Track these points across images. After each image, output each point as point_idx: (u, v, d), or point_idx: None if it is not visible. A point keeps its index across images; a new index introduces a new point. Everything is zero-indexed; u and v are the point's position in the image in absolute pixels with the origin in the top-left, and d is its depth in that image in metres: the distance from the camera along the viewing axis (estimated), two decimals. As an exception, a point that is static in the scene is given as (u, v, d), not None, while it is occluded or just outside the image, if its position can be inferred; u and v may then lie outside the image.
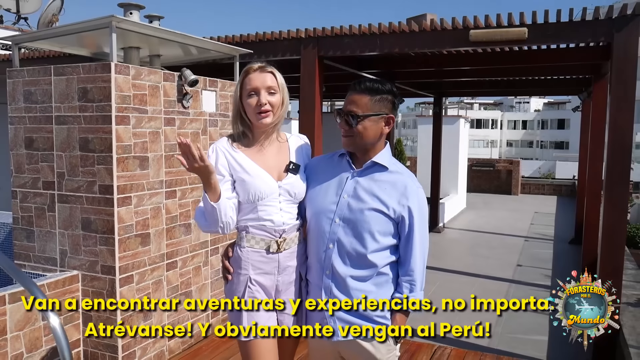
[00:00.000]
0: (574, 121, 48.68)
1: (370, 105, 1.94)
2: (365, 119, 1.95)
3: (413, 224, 2.00)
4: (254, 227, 2.12)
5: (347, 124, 1.97)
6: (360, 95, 1.95)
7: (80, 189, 3.58)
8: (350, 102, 1.96)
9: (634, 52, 4.21)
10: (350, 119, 1.95)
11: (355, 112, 1.94)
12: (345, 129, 1.98)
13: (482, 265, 8.25)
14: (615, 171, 4.29)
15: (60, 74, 3.57)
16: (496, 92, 11.59)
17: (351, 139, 1.99)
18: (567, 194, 17.76)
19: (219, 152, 2.15)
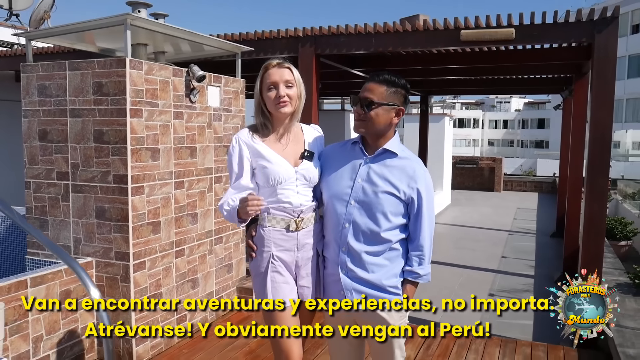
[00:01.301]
0: (553, 121, 49.60)
1: (385, 95, 2.16)
2: (379, 107, 2.17)
3: (421, 205, 2.23)
4: (275, 209, 2.33)
5: (362, 108, 2.18)
6: (378, 84, 2.17)
7: (94, 179, 3.75)
8: (368, 89, 2.18)
9: (614, 52, 4.49)
10: (366, 104, 2.17)
11: (371, 99, 2.16)
12: (360, 113, 2.20)
13: (468, 257, 8.55)
14: (596, 165, 4.57)
15: (75, 69, 3.74)
16: (481, 91, 11.91)
17: (363, 123, 2.21)
18: (548, 190, 18.21)
19: (241, 144, 2.36)
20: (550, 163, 23.16)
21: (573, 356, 4.10)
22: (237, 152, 2.35)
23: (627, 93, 36.57)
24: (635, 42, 35.77)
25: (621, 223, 8.87)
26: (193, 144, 4.26)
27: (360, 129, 2.24)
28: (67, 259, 2.32)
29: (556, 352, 4.17)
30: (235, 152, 2.36)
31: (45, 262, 3.96)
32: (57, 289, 3.54)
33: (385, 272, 2.24)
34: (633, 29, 36.40)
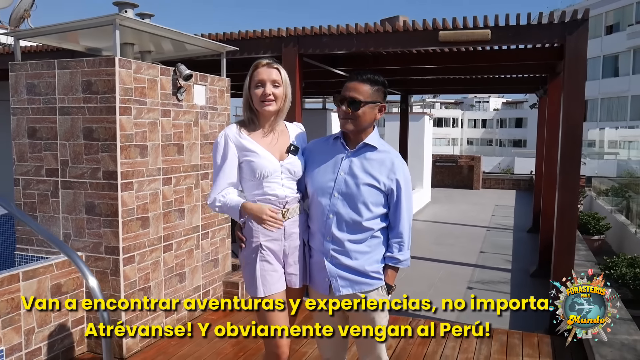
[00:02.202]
0: (531, 120, 50.44)
1: (369, 94, 2.31)
2: (365, 105, 2.31)
3: (400, 195, 2.38)
4: (261, 201, 2.46)
5: (348, 107, 2.32)
6: (362, 84, 2.31)
7: (84, 175, 3.83)
8: (353, 89, 2.32)
9: (584, 52, 4.71)
10: (353, 104, 2.31)
11: (358, 99, 2.30)
12: (347, 112, 2.33)
13: (448, 252, 8.78)
14: (568, 160, 4.79)
15: (64, 68, 3.82)
16: (460, 90, 12.17)
17: (351, 122, 2.34)
18: (525, 188, 18.61)
19: (227, 139, 2.48)
20: (528, 161, 23.64)
21: (546, 342, 4.31)
22: (223, 146, 2.47)
23: (601, 93, 37.43)
24: (609, 42, 36.62)
25: (594, 218, 9.18)
26: (180, 141, 4.37)
27: (348, 126, 2.37)
28: (65, 249, 2.42)
29: (530, 339, 4.37)
30: (220, 146, 2.47)
31: (34, 258, 4.02)
32: (48, 282, 3.62)
33: (367, 258, 2.39)
34: (607, 29, 37.25)
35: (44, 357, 3.62)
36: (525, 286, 6.98)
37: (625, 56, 35.66)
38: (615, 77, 36.57)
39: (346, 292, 2.39)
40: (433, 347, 4.17)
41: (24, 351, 3.46)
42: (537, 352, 4.12)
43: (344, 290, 2.38)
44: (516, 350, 4.14)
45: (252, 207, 2.39)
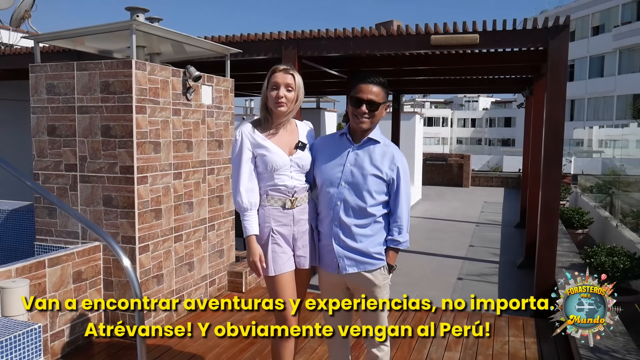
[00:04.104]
0: (519, 119, 51.09)
1: (382, 95, 2.62)
2: (381, 106, 2.63)
3: (400, 183, 2.69)
4: (272, 190, 2.77)
5: (367, 107, 2.61)
6: (377, 87, 2.61)
7: (102, 169, 4.11)
8: (370, 92, 2.60)
9: (565, 55, 5.06)
10: (372, 105, 2.61)
11: (376, 101, 2.61)
12: (365, 112, 2.62)
13: (438, 246, 9.12)
14: (550, 156, 5.14)
15: (83, 69, 4.09)
16: (450, 90, 12.53)
17: (368, 121, 2.64)
18: (513, 185, 19.04)
19: (244, 136, 2.79)
20: (516, 159, 24.09)
21: (531, 325, 4.64)
22: (240, 142, 2.77)
23: (588, 93, 38.06)
24: (595, 43, 37.25)
25: (578, 213, 9.56)
26: (189, 139, 4.65)
27: (365, 125, 2.65)
28: (100, 232, 2.70)
29: (516, 322, 4.71)
30: (238, 142, 2.78)
31: (53, 247, 4.28)
32: (70, 269, 3.89)
33: (371, 241, 2.70)
34: (593, 31, 37.87)
35: (66, 338, 3.89)
36: (512, 277, 7.32)
37: (611, 57, 36.31)
38: (601, 78, 37.21)
39: (352, 270, 2.69)
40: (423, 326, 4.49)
41: (49, 332, 3.74)
42: (522, 333, 4.46)
43: (349, 269, 2.69)
44: (503, 332, 4.48)
45: (252, 246, 2.72)
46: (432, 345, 4.17)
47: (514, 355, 4.03)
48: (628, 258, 5.61)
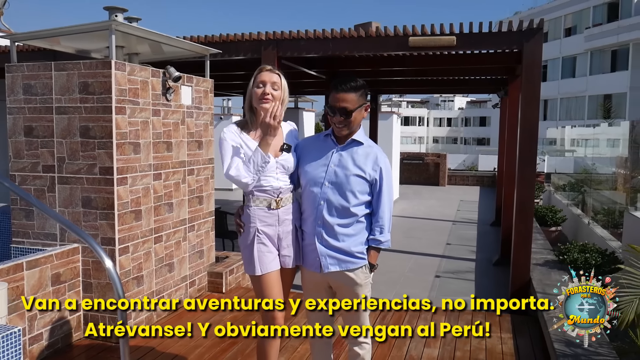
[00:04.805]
0: (494, 119, 51.84)
1: (356, 100, 2.65)
2: (355, 111, 2.66)
3: (382, 184, 2.74)
4: (258, 191, 2.80)
5: (341, 116, 2.66)
6: (348, 93, 2.64)
7: (80, 171, 4.07)
8: (342, 100, 2.64)
9: (539, 57, 5.19)
10: (345, 113, 2.65)
11: (348, 108, 2.64)
12: (341, 120, 2.67)
13: (416, 244, 9.25)
14: (525, 155, 5.26)
15: (61, 70, 4.05)
16: (427, 90, 12.69)
17: (345, 128, 2.69)
18: (489, 184, 19.36)
19: (231, 134, 2.80)
20: (491, 158, 24.48)
21: (507, 320, 4.76)
22: (227, 139, 2.77)
23: (561, 93, 38.83)
24: (567, 44, 38.01)
25: (552, 211, 9.79)
26: (169, 139, 4.64)
27: (343, 132, 2.71)
28: (82, 234, 2.69)
29: (493, 318, 4.81)
30: (224, 140, 2.77)
31: (30, 250, 4.22)
32: (49, 272, 3.85)
33: (353, 240, 2.74)
34: (566, 32, 38.64)
35: (45, 342, 3.85)
36: (489, 274, 7.47)
37: (583, 58, 37.10)
38: (574, 78, 37.99)
39: (334, 269, 2.73)
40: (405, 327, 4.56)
41: (28, 336, 3.69)
42: (498, 328, 4.56)
43: (332, 267, 2.73)
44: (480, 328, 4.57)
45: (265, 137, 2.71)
46: (412, 342, 4.24)
47: (491, 350, 4.13)
48: (600, 254, 5.78)
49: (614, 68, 34.86)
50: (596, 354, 3.43)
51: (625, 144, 10.28)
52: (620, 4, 34.14)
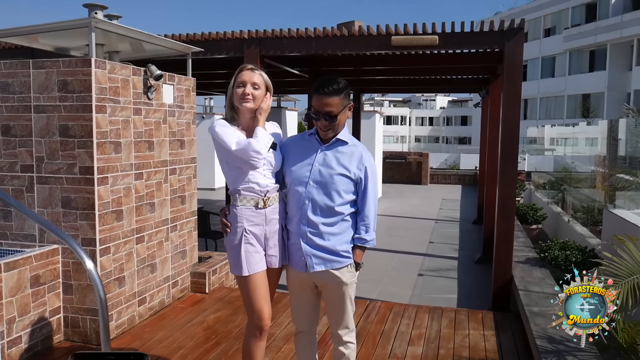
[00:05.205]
0: (475, 118, 52.30)
1: (339, 102, 2.64)
2: (340, 114, 2.65)
3: (367, 183, 2.74)
4: (245, 190, 2.77)
5: (326, 120, 2.64)
6: (332, 97, 2.62)
7: (60, 170, 4.00)
8: (326, 104, 2.62)
9: (520, 57, 5.24)
10: (330, 117, 2.63)
11: (333, 112, 2.63)
12: (326, 124, 2.65)
13: (399, 243, 9.28)
14: (507, 154, 5.31)
15: (40, 67, 3.97)
16: (409, 89, 12.76)
17: (331, 131, 2.68)
18: (470, 182, 19.53)
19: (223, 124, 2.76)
20: (473, 157, 24.72)
21: (489, 317, 4.80)
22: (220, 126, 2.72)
23: (540, 92, 39.31)
24: (547, 44, 38.50)
25: (532, 209, 9.90)
26: (150, 138, 4.58)
27: (329, 134, 2.70)
28: (62, 235, 2.64)
29: (475, 315, 4.85)
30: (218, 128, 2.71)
31: (8, 251, 4.14)
32: (28, 273, 3.78)
33: (338, 239, 2.73)
34: (545, 32, 39.13)
35: (24, 345, 3.78)
36: (471, 272, 7.53)
37: (562, 58, 37.61)
38: (553, 78, 38.50)
39: (319, 269, 2.72)
40: (389, 325, 4.57)
41: (6, 339, 3.62)
42: (481, 325, 4.60)
43: (317, 267, 2.72)
44: (463, 325, 4.61)
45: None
46: (396, 340, 4.26)
47: (474, 347, 4.15)
48: (580, 252, 5.87)
49: (592, 68, 35.41)
50: (577, 349, 3.47)
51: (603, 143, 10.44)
52: (598, 5, 34.70)
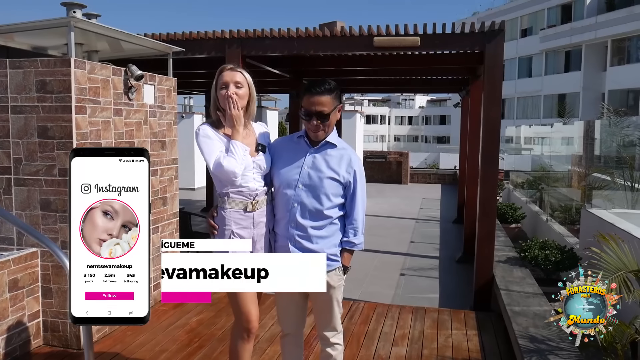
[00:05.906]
0: (454, 117, 52.84)
1: (331, 102, 2.63)
2: (332, 114, 2.64)
3: (356, 186, 2.74)
4: (234, 193, 2.74)
5: (318, 120, 2.63)
6: (324, 96, 2.61)
7: (39, 172, 3.92)
8: (318, 103, 2.60)
9: (500, 59, 5.30)
10: (322, 117, 2.62)
11: (325, 111, 2.62)
12: (317, 125, 2.63)
13: (380, 243, 9.31)
14: (488, 154, 5.37)
15: (17, 67, 3.89)
16: (390, 89, 12.84)
17: (323, 132, 2.66)
18: (450, 182, 19.71)
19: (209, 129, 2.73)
20: (452, 157, 24.95)
21: (472, 317, 4.84)
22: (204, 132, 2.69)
23: (517, 92, 39.88)
24: (524, 45, 39.07)
25: (511, 208, 10.03)
26: (132, 139, 4.52)
27: (320, 135, 2.67)
28: (41, 238, 2.59)
29: (458, 315, 4.90)
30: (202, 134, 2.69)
31: (-15, 255, 4.05)
32: (6, 277, 3.70)
33: (326, 242, 2.73)
34: (522, 33, 39.70)
35: (2, 350, 3.70)
36: (452, 272, 7.60)
37: (538, 58, 38.22)
38: (530, 78, 39.09)
39: (306, 271, 2.71)
40: (373, 326, 4.59)
41: (-17, 345, 3.54)
42: (464, 325, 4.64)
43: (303, 270, 2.71)
44: (446, 325, 4.65)
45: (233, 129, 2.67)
46: (380, 341, 4.27)
47: (457, 347, 4.19)
48: (559, 251, 5.96)
49: (567, 68, 36.06)
50: (558, 348, 3.53)
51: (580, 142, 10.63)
52: (573, 6, 35.33)
